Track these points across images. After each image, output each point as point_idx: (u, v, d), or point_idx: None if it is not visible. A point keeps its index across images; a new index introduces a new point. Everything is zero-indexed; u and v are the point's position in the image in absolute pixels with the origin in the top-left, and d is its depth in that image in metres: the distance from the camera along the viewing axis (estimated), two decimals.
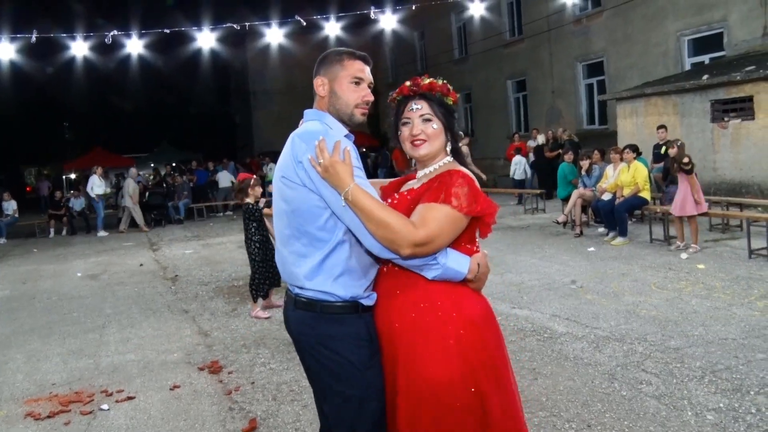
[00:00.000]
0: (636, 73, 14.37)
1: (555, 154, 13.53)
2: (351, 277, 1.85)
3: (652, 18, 14.05)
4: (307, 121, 1.97)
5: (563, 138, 13.99)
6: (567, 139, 13.79)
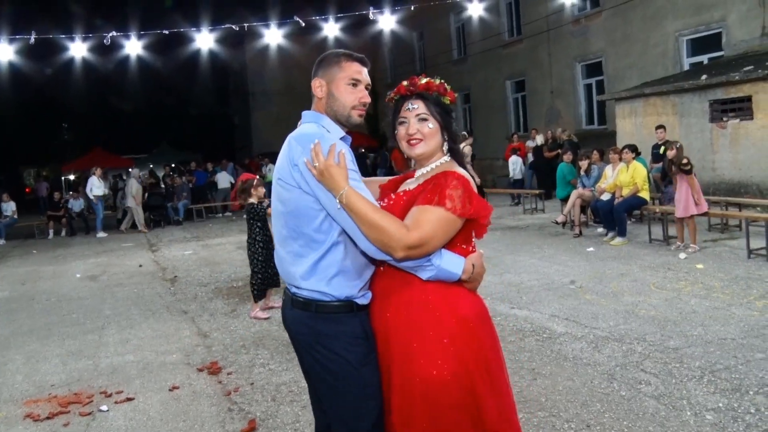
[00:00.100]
0: (635, 73, 14.38)
1: (554, 155, 13.54)
2: (346, 277, 1.86)
3: (650, 18, 14.07)
4: (304, 123, 1.99)
5: (562, 138, 14.01)
6: (566, 139, 13.81)
